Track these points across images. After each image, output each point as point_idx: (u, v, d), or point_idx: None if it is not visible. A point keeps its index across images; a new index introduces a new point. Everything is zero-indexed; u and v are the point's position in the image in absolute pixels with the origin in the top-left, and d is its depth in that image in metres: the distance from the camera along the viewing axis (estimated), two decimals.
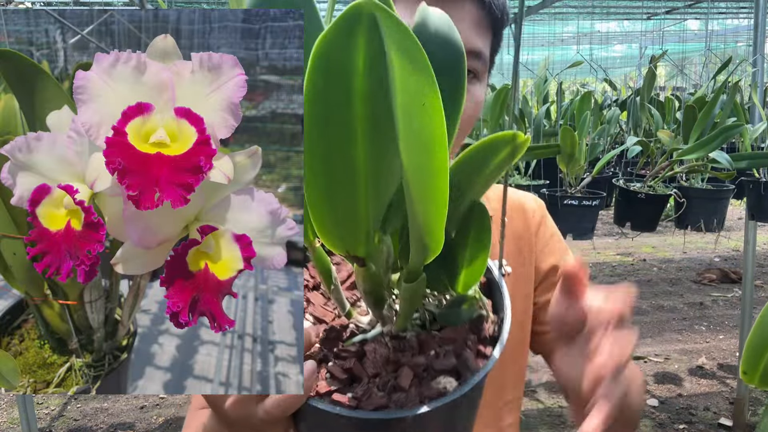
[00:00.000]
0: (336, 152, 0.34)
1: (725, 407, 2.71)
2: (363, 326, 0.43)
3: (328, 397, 0.37)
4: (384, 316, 0.42)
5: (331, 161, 0.34)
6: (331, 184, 0.35)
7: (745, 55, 6.75)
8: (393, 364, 0.39)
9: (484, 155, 0.36)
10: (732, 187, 2.38)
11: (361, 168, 0.35)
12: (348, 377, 0.39)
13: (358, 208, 0.36)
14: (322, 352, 0.41)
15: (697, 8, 4.43)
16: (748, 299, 2.45)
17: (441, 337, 0.40)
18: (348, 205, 0.36)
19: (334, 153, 0.34)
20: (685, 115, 2.22)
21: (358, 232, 0.38)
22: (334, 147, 0.34)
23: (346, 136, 0.33)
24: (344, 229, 0.37)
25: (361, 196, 0.36)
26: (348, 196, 0.36)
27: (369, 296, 0.41)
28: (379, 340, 0.41)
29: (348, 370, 0.39)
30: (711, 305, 4.00)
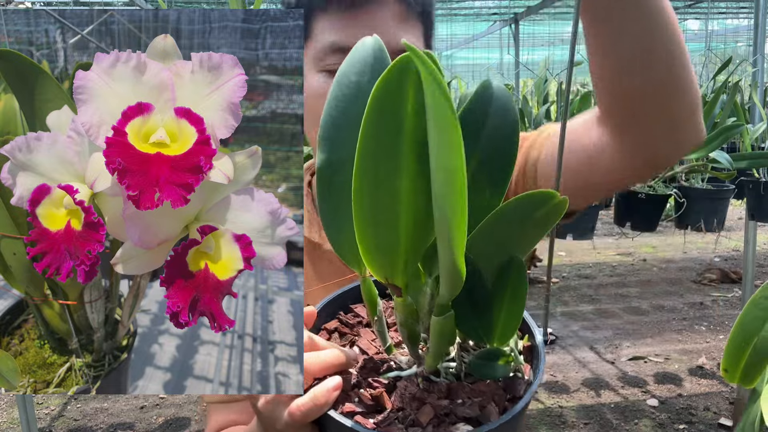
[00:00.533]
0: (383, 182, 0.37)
1: (725, 407, 2.71)
2: (400, 364, 0.45)
3: (351, 417, 0.39)
4: (420, 357, 0.44)
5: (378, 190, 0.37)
6: (376, 211, 0.37)
7: (745, 55, 6.75)
8: (418, 401, 0.40)
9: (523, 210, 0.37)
10: (732, 187, 2.38)
11: (404, 199, 0.37)
12: (374, 404, 0.40)
13: (399, 236, 0.38)
14: (356, 378, 0.43)
15: (697, 8, 4.43)
16: (748, 299, 2.45)
17: (471, 388, 0.41)
18: (389, 232, 0.38)
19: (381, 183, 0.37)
20: None
21: (397, 260, 0.39)
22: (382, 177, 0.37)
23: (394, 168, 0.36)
24: (384, 256, 0.39)
25: (402, 226, 0.38)
26: (390, 225, 0.38)
27: (404, 329, 0.42)
28: (411, 379, 0.42)
29: (375, 399, 0.40)
30: (711, 305, 4.01)
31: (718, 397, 2.81)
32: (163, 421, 2.71)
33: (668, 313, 3.89)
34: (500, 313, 0.41)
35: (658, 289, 4.34)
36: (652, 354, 3.29)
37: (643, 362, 3.20)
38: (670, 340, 3.47)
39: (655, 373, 3.07)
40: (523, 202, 0.37)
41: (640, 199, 2.26)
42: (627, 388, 2.91)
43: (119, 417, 2.75)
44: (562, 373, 3.09)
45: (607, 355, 3.29)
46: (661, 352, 3.31)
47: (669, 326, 3.67)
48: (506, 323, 0.41)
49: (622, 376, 3.05)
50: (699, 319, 3.77)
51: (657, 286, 4.43)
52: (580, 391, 2.90)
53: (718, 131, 2.05)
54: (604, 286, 4.45)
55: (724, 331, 3.57)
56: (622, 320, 3.78)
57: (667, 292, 4.30)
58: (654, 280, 4.54)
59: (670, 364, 3.17)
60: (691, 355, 3.27)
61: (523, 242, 0.40)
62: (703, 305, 4.01)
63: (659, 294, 4.25)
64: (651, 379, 3.01)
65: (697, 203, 2.33)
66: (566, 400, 2.82)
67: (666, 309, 3.96)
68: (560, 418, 2.67)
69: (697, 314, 3.85)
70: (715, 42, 6.70)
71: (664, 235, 5.62)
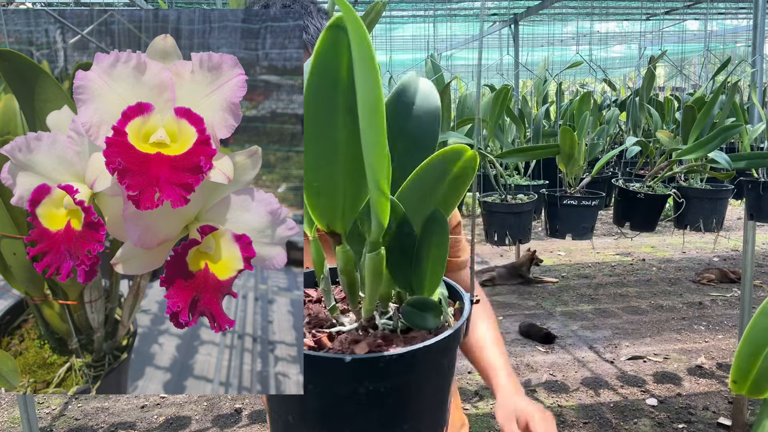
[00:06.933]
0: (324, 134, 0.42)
1: (724, 407, 2.71)
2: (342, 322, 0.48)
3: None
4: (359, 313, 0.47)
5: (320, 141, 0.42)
6: (318, 159, 0.43)
7: (744, 55, 6.75)
8: (355, 342, 0.44)
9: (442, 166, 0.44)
10: (731, 188, 2.38)
11: (341, 150, 0.42)
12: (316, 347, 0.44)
13: (337, 184, 0.43)
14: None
15: (696, 9, 4.43)
16: (747, 299, 2.46)
17: (405, 336, 0.45)
18: (329, 180, 0.43)
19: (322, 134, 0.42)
20: (684, 116, 2.22)
21: (336, 208, 0.44)
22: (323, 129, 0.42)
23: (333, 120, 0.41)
24: (325, 200, 0.44)
25: (339, 175, 0.43)
26: (329, 173, 0.43)
27: (344, 276, 0.47)
28: (351, 333, 0.46)
29: (317, 342, 0.44)
30: (710, 305, 4.01)
31: (717, 396, 2.81)
32: (163, 420, 2.71)
33: (667, 312, 3.90)
34: (427, 261, 0.46)
35: (657, 289, 4.35)
36: (651, 353, 3.29)
37: (642, 362, 3.20)
38: (669, 340, 3.47)
39: (654, 372, 3.07)
40: (441, 158, 0.44)
41: (639, 199, 2.26)
42: (626, 388, 2.92)
43: (120, 416, 2.75)
44: (561, 372, 3.09)
45: (607, 354, 3.29)
46: (660, 352, 3.31)
47: (668, 326, 3.67)
48: (433, 270, 0.46)
49: (621, 375, 3.05)
50: (698, 319, 3.77)
51: (656, 285, 4.43)
52: (580, 390, 2.90)
53: (716, 131, 2.05)
54: (603, 285, 4.45)
55: (722, 331, 3.57)
56: (622, 320, 3.78)
57: (666, 291, 4.30)
58: (653, 280, 4.55)
59: (669, 363, 3.17)
60: (690, 354, 3.27)
61: (446, 196, 0.46)
62: (702, 305, 4.01)
63: (658, 294, 4.25)
64: (650, 378, 3.01)
65: (696, 203, 2.33)
66: (565, 400, 2.82)
67: (665, 309, 3.97)
68: (559, 418, 2.67)
69: (696, 314, 3.86)
70: (714, 42, 6.70)
71: (663, 235, 5.62)
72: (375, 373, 0.41)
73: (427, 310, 0.46)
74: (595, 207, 2.21)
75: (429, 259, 0.45)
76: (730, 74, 2.62)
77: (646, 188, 2.29)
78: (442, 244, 0.45)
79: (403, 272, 0.46)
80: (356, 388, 0.41)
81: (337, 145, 0.42)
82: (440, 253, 0.45)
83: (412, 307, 0.46)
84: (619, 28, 6.73)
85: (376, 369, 0.41)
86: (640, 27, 6.26)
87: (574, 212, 2.20)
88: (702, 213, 2.33)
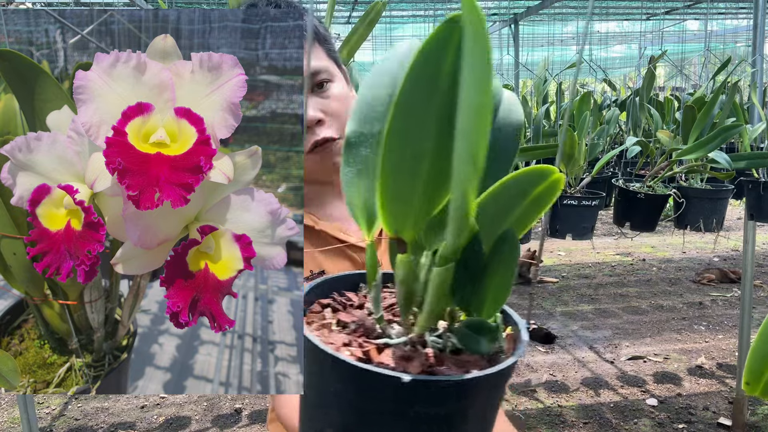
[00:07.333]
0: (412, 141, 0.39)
1: (724, 407, 2.71)
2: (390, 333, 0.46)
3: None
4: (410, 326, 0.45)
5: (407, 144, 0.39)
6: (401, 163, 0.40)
7: (744, 55, 6.75)
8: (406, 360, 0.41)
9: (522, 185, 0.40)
10: (731, 188, 2.38)
11: (427, 158, 0.40)
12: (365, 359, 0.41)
13: (415, 191, 0.41)
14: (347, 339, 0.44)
15: (696, 9, 4.43)
16: (748, 299, 2.46)
17: (457, 358, 0.42)
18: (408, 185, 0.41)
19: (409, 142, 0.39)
20: (684, 116, 2.22)
21: (408, 215, 0.42)
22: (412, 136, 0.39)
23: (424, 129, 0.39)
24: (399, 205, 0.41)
25: (419, 182, 0.40)
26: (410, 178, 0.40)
27: (401, 287, 0.44)
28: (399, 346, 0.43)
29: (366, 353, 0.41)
30: (710, 305, 4.01)
31: (717, 396, 2.81)
32: (163, 420, 2.71)
33: (667, 312, 3.90)
34: (492, 283, 0.43)
35: (658, 289, 4.35)
36: (652, 353, 3.29)
37: (642, 362, 3.20)
38: (669, 340, 3.47)
39: (655, 372, 3.07)
40: (523, 177, 0.40)
41: (639, 199, 2.26)
42: (626, 388, 2.92)
43: (120, 416, 2.75)
44: (561, 372, 3.09)
45: (607, 354, 3.29)
46: (661, 352, 3.31)
47: (668, 326, 3.67)
48: (496, 293, 0.43)
49: (621, 375, 3.05)
50: (698, 319, 3.77)
51: (656, 285, 4.43)
52: (580, 390, 2.90)
53: (716, 131, 2.05)
54: (603, 285, 4.45)
55: (723, 331, 3.57)
56: (622, 320, 3.78)
57: (667, 291, 4.30)
58: (653, 280, 4.55)
59: (670, 363, 3.17)
60: (691, 354, 3.27)
61: (521, 217, 0.43)
62: (702, 305, 4.01)
63: (658, 294, 4.25)
64: (650, 378, 3.01)
65: (696, 203, 2.33)
66: (566, 400, 2.82)
67: (665, 309, 3.97)
68: (559, 418, 2.67)
69: (696, 314, 3.86)
70: (715, 42, 6.71)
71: (663, 235, 5.62)
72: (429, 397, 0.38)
73: (483, 334, 0.43)
74: (595, 207, 2.21)
75: (494, 281, 0.43)
76: (730, 74, 2.62)
77: (646, 188, 2.29)
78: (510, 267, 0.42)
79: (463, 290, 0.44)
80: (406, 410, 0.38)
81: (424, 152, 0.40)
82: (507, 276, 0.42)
83: (467, 329, 0.43)
84: (619, 28, 6.73)
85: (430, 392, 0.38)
86: (640, 27, 6.26)
87: (574, 212, 2.20)
88: (702, 213, 2.33)
